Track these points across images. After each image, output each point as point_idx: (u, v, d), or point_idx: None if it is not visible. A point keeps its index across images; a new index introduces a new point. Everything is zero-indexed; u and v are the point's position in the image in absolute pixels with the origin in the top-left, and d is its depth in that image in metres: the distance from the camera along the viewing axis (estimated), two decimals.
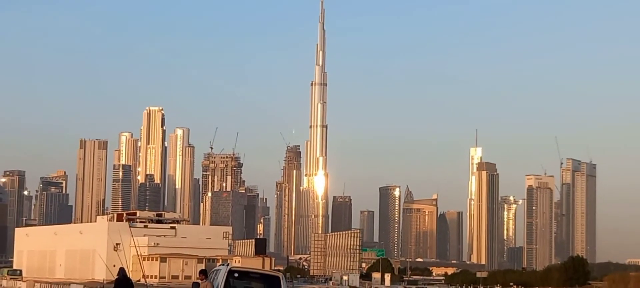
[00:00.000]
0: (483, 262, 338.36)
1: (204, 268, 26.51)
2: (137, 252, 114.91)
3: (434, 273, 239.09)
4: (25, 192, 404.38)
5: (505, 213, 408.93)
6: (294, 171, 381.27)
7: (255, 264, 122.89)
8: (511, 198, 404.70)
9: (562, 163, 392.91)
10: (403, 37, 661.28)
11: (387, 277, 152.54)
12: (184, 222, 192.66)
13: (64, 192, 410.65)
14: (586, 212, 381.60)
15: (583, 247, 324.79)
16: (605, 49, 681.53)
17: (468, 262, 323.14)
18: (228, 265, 20.01)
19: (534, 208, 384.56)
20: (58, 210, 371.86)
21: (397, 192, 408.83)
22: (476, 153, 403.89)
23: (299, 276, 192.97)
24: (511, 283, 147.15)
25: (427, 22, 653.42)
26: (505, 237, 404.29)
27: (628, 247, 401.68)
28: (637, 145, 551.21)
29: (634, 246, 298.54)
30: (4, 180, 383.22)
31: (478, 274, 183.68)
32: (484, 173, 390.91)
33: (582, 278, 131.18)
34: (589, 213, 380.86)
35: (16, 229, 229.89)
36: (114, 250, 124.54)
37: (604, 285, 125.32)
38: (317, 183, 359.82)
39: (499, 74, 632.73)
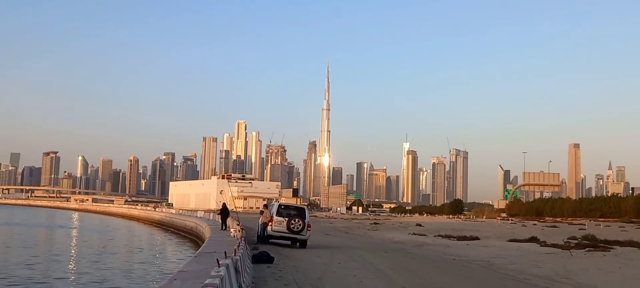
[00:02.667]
0: (409, 201, 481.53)
1: (265, 203, 34.71)
2: (231, 194, 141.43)
3: (384, 207, 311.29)
4: (175, 163, 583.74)
5: (421, 176, 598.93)
6: (313, 154, 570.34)
7: (292, 201, 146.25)
8: (424, 168, 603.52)
9: (450, 151, 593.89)
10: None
11: (360, 208, 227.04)
12: (256, 179, 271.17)
13: (194, 163, 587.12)
14: (462, 176, 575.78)
15: (461, 194, 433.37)
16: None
17: (402, 201, 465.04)
18: (278, 201, 38.60)
19: (436, 174, 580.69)
20: (191, 173, 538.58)
21: (366, 165, 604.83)
22: (406, 146, 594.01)
23: (315, 207, 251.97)
24: (423, 212, 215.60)
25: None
26: (421, 189, 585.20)
27: (484, 194, 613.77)
28: (496, 136, 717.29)
29: (487, 194, 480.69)
30: (164, 157, 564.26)
31: (407, 208, 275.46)
32: (410, 156, 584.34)
33: (460, 210, 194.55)
34: (464, 177, 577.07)
35: (170, 182, 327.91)
36: (220, 193, 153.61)
37: (471, 213, 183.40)
38: (325, 160, 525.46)
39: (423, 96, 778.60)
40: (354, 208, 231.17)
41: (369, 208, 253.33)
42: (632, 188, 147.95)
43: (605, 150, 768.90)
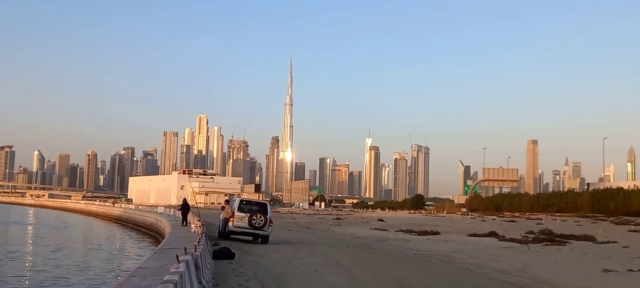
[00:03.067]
0: (372, 196, 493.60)
1: (227, 198, 33.30)
2: (192, 190, 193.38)
3: (346, 202, 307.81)
4: (135, 158, 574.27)
5: (383, 171, 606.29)
6: (275, 149, 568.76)
7: (254, 197, 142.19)
8: (387, 164, 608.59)
9: (412, 147, 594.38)
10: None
11: (323, 204, 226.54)
12: (218, 175, 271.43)
13: (154, 158, 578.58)
14: (423, 171, 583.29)
15: (422, 189, 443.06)
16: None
17: (364, 196, 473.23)
18: (240, 196, 32.96)
19: (398, 169, 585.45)
20: (151, 168, 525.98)
21: (329, 160, 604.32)
22: (369, 142, 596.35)
23: (277, 203, 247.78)
24: (385, 207, 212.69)
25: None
26: (383, 184, 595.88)
27: (445, 189, 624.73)
28: (457, 132, 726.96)
29: (448, 189, 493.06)
30: (123, 152, 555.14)
31: (369, 203, 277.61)
32: (372, 151, 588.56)
33: (421, 205, 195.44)
34: (425, 172, 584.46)
35: (130, 178, 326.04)
36: (181, 189, 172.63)
37: (432, 208, 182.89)
38: (287, 156, 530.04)
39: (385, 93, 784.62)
40: (317, 203, 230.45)
41: (332, 204, 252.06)
42: (588, 184, 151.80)
43: (562, 147, 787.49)
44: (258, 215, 26.48)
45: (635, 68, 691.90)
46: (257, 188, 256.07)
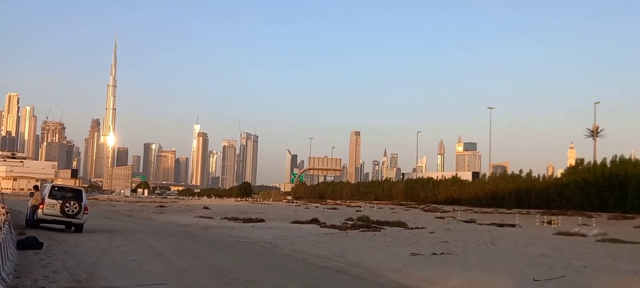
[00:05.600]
0: (199, 183, 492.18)
1: (36, 184, 32.52)
2: None
3: (172, 189, 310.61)
4: None
5: (211, 159, 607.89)
6: (96, 133, 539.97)
7: (70, 183, 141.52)
8: (215, 151, 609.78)
9: (241, 134, 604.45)
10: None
11: (146, 191, 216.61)
12: (29, 158, 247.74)
13: None
14: (252, 159, 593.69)
15: (250, 177, 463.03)
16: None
17: (191, 184, 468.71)
18: (52, 182, 32.06)
19: (226, 157, 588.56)
20: None
21: (154, 146, 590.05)
22: (197, 128, 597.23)
23: (96, 190, 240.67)
24: (212, 195, 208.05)
25: None
26: (210, 171, 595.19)
27: (273, 177, 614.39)
28: (285, 122, 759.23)
29: (276, 177, 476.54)
30: None
31: (196, 190, 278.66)
32: (201, 138, 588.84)
33: (248, 192, 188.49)
34: (254, 160, 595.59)
35: None
36: None
37: (258, 196, 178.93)
38: (109, 140, 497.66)
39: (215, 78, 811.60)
40: (140, 190, 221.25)
41: (156, 191, 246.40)
42: (403, 174, 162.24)
43: (382, 138, 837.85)
44: (72, 202, 25.04)
45: (444, 69, 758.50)
46: (74, 174, 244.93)
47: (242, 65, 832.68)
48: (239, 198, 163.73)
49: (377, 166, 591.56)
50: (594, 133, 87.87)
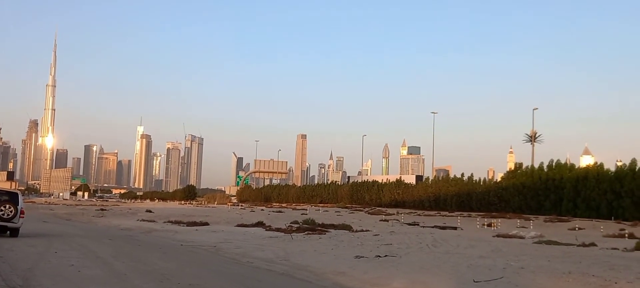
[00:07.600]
0: (142, 186, 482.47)
1: None
2: None
3: (114, 192, 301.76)
4: None
5: (155, 161, 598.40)
6: (34, 134, 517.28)
7: (6, 186, 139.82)
8: (159, 153, 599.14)
9: (186, 136, 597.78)
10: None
11: (87, 194, 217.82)
12: None
13: None
14: (197, 162, 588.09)
15: (195, 180, 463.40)
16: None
17: (133, 187, 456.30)
18: None
19: (170, 159, 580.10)
20: None
21: (95, 148, 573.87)
22: (141, 129, 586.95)
23: (33, 193, 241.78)
24: (155, 198, 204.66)
25: None
26: (154, 174, 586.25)
27: (218, 180, 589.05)
28: (231, 124, 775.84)
29: (221, 180, 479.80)
30: None
31: (138, 193, 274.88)
32: (144, 140, 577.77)
33: (193, 195, 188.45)
34: (199, 163, 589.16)
35: None
36: None
37: (203, 199, 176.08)
38: (48, 141, 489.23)
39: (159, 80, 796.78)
40: (80, 193, 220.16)
41: (97, 194, 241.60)
42: (348, 177, 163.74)
43: (328, 141, 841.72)
44: (6, 206, 24.11)
45: (390, 73, 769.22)
46: (10, 176, 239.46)
47: (187, 65, 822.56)
48: (183, 202, 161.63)
49: (323, 169, 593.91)
50: (532, 138, 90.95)
